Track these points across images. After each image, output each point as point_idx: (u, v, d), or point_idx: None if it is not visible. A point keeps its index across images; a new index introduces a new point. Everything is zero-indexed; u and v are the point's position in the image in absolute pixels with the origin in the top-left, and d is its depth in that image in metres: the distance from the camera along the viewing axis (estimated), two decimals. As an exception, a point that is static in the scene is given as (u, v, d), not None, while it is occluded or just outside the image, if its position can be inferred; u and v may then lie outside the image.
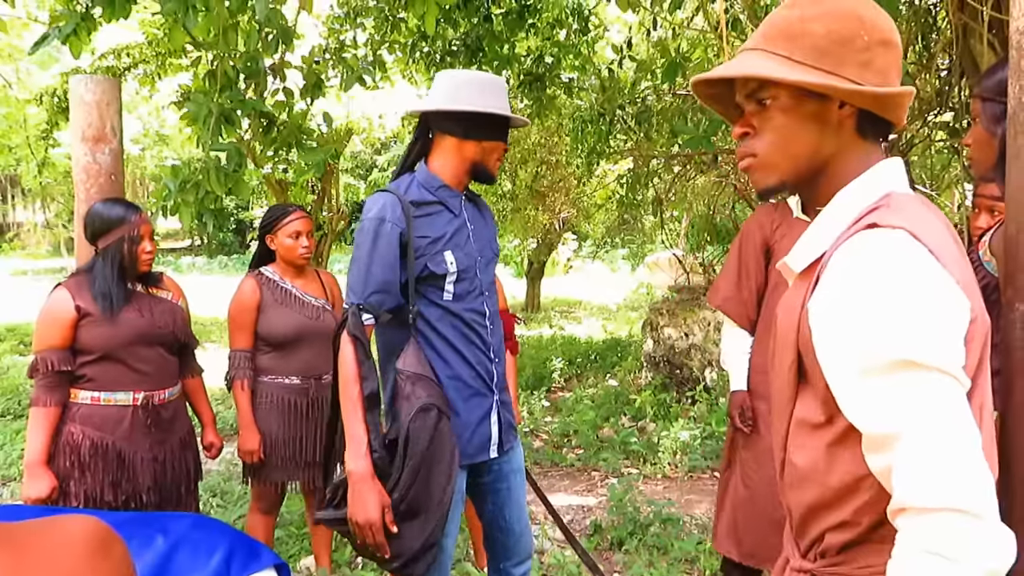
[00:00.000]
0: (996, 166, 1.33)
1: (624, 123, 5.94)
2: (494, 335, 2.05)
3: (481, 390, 2.01)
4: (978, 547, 0.82)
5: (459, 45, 4.93)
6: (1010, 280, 1.14)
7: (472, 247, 2.01)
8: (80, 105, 2.63)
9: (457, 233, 1.99)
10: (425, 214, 1.94)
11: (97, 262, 2.36)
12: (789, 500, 1.12)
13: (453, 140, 1.96)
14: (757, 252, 2.58)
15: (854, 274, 0.94)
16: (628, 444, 5.04)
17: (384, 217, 1.87)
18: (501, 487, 2.13)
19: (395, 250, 1.87)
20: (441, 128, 1.96)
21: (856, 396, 0.93)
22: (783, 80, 1.00)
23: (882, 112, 1.03)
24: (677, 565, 3.27)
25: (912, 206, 0.99)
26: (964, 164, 4.25)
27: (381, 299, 1.86)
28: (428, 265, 1.90)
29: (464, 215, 2.03)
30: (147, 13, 5.53)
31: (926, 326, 0.88)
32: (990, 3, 2.53)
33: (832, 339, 0.96)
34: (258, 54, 3.12)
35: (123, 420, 2.34)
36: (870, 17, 1.02)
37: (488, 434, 2.03)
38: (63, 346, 2.28)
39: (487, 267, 2.07)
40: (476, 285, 2.00)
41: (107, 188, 2.63)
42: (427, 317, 1.94)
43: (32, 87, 9.20)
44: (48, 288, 2.40)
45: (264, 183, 6.52)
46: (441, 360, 1.95)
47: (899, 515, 0.87)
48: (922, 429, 0.86)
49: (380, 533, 1.79)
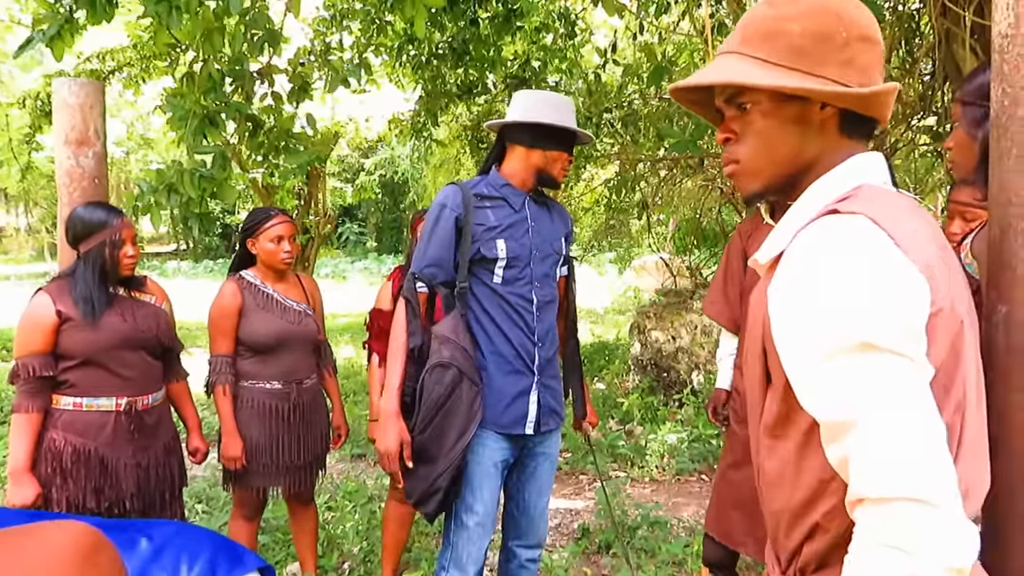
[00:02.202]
0: (977, 169, 1.34)
1: (611, 127, 5.96)
2: (540, 321, 2.24)
3: (520, 368, 2.21)
4: (936, 539, 0.77)
5: (446, 48, 4.93)
6: (993, 282, 1.15)
7: (528, 240, 2.23)
8: (63, 108, 2.60)
9: (514, 226, 2.22)
10: (487, 206, 2.20)
11: (79, 266, 2.33)
12: (764, 507, 1.09)
13: (521, 149, 2.23)
14: (739, 259, 2.79)
15: (808, 258, 0.92)
16: (616, 447, 5.04)
17: (445, 204, 2.17)
18: (529, 464, 2.33)
19: (451, 232, 2.16)
20: (512, 139, 2.23)
21: (810, 382, 0.89)
22: (758, 86, 0.98)
23: (866, 111, 1.01)
24: (664, 568, 3.27)
25: (882, 196, 0.97)
26: (947, 168, 4.29)
27: (434, 272, 2.16)
28: (481, 249, 2.15)
29: (526, 211, 2.26)
30: (132, 16, 5.49)
31: (879, 307, 0.85)
32: (972, 8, 2.56)
33: (787, 324, 0.93)
34: (244, 57, 3.10)
35: (106, 426, 2.31)
36: (849, 13, 1.00)
37: (524, 410, 2.22)
38: (44, 351, 2.25)
39: (543, 260, 2.27)
40: (526, 274, 2.22)
41: (91, 192, 2.60)
42: (477, 295, 2.19)
43: (15, 90, 9.11)
44: (30, 293, 2.37)
45: (250, 187, 6.49)
46: (485, 335, 2.19)
47: (856, 507, 0.84)
48: (878, 415, 0.82)
49: (395, 463, 2.09)
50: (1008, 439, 1.12)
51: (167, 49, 3.85)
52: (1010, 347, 1.11)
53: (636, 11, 4.69)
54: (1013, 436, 1.11)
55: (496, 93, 5.74)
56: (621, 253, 13.09)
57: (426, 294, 2.18)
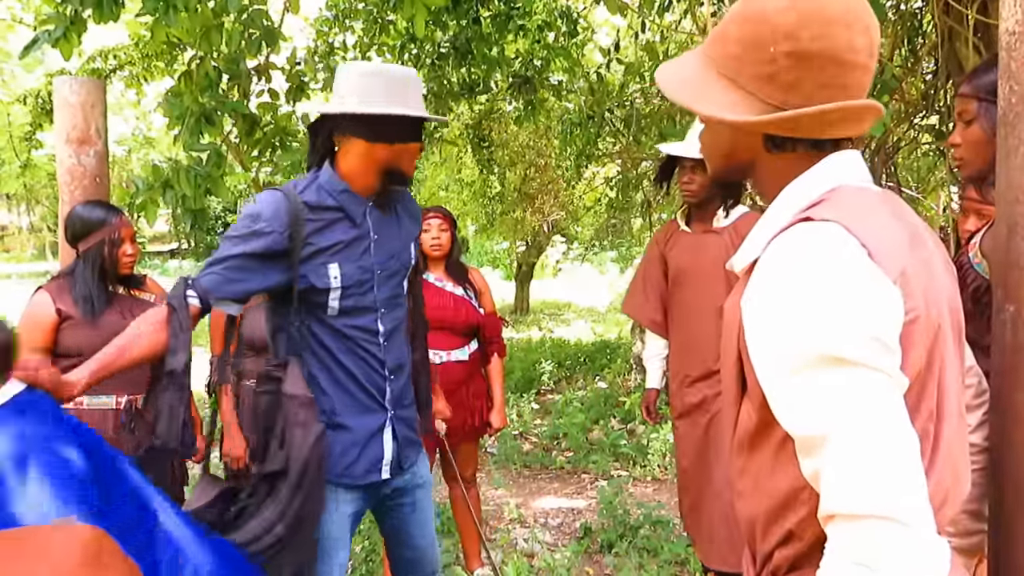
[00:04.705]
0: (994, 167, 1.31)
1: (612, 126, 5.95)
2: (389, 352, 1.90)
3: (371, 406, 1.89)
4: (903, 558, 0.76)
5: (448, 48, 4.91)
6: (1001, 281, 1.14)
7: (371, 259, 1.86)
8: (65, 107, 2.60)
9: (352, 244, 1.83)
10: (319, 220, 1.79)
11: (78, 265, 2.33)
12: (739, 512, 1.08)
13: (360, 143, 1.79)
14: (656, 265, 2.91)
15: (779, 268, 0.90)
16: (618, 446, 5.03)
17: (260, 217, 1.72)
18: (405, 502, 2.03)
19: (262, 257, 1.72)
20: (346, 130, 1.79)
21: (783, 396, 0.87)
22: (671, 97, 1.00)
23: (791, 132, 0.95)
24: (667, 568, 3.26)
25: (858, 199, 0.93)
26: (950, 167, 4.28)
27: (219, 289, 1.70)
28: (310, 277, 1.77)
29: (368, 224, 1.86)
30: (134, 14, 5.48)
31: (850, 320, 0.82)
32: (975, 6, 2.55)
33: (758, 335, 0.91)
34: (241, 55, 3.09)
35: (105, 424, 2.31)
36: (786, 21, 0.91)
37: (380, 454, 1.90)
38: (44, 349, 2.25)
39: (388, 280, 1.91)
40: (368, 301, 1.86)
41: (92, 191, 2.59)
42: (314, 331, 1.82)
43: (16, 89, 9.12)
44: (31, 292, 2.37)
45: (251, 185, 6.49)
46: (327, 373, 1.84)
47: (828, 522, 0.83)
48: (849, 431, 0.80)
49: None
50: (1013, 435, 1.11)
51: (165, 47, 3.83)
52: (1017, 345, 1.10)
53: (638, 9, 4.67)
54: (1019, 432, 1.10)
55: (498, 92, 5.73)
56: (623, 252, 13.09)
57: (198, 309, 1.71)
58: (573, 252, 13.99)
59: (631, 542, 3.52)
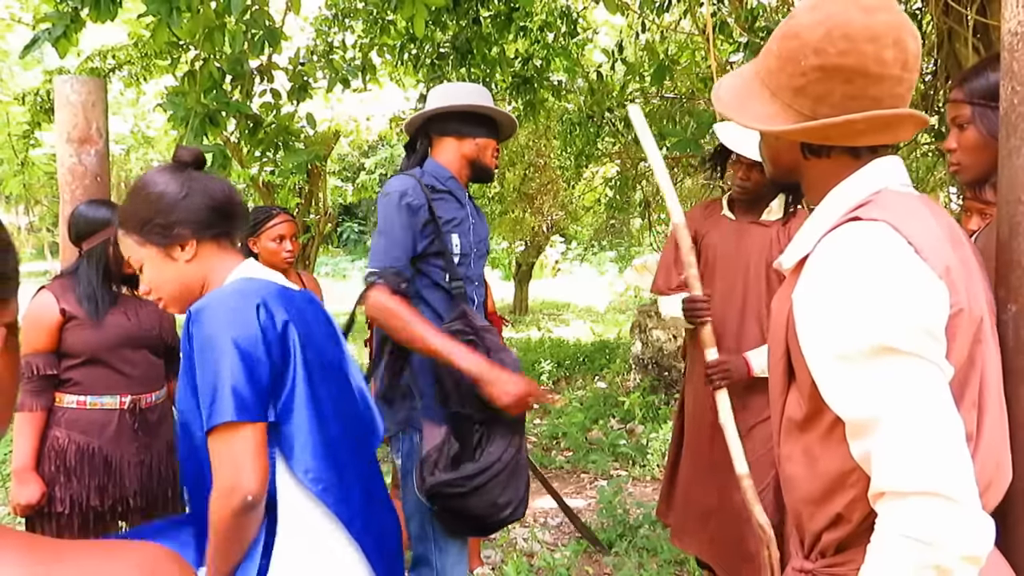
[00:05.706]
0: (993, 169, 1.31)
1: (612, 126, 5.96)
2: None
3: None
4: (954, 531, 0.82)
5: (448, 48, 4.92)
6: (1002, 280, 1.15)
7: (472, 237, 2.16)
8: (65, 106, 2.60)
9: (463, 222, 2.14)
10: (438, 197, 2.09)
11: (82, 264, 2.33)
12: (786, 497, 1.13)
13: (451, 140, 2.13)
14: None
15: (832, 264, 0.96)
16: (617, 446, 5.04)
17: (406, 193, 2.01)
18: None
19: (415, 226, 2.01)
20: (440, 130, 2.13)
21: (835, 383, 0.94)
22: (721, 110, 1.07)
23: (823, 140, 1.03)
24: (666, 567, 3.27)
25: (901, 201, 1.00)
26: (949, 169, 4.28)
27: (398, 273, 1.99)
28: (435, 242, 2.04)
29: (468, 208, 2.18)
30: (133, 14, 5.48)
31: (901, 313, 0.89)
32: (975, 7, 2.56)
33: (812, 327, 0.98)
34: (244, 55, 3.10)
35: (109, 424, 2.31)
36: (815, 37, 0.98)
37: None
38: (48, 350, 2.25)
39: (479, 260, 2.21)
40: (472, 273, 2.15)
41: (92, 190, 2.59)
42: (425, 297, 2.06)
43: (15, 88, 9.10)
44: (32, 292, 2.37)
45: (251, 185, 6.49)
46: None
47: (878, 500, 0.89)
48: (899, 414, 0.87)
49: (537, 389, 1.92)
50: (1017, 437, 1.12)
51: (168, 48, 3.84)
52: (1019, 345, 1.11)
53: (638, 9, 4.68)
54: (1022, 434, 1.11)
55: (498, 92, 5.74)
56: (622, 252, 13.11)
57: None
58: (572, 252, 14.01)
59: (631, 542, 3.53)
